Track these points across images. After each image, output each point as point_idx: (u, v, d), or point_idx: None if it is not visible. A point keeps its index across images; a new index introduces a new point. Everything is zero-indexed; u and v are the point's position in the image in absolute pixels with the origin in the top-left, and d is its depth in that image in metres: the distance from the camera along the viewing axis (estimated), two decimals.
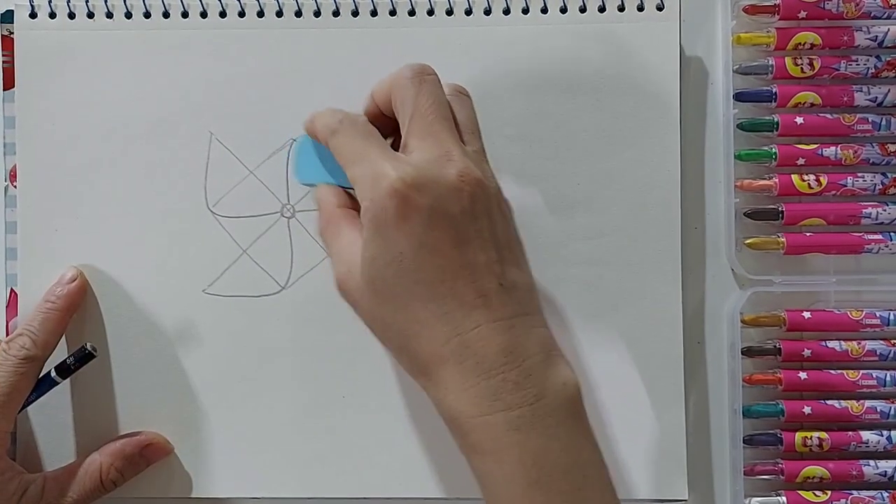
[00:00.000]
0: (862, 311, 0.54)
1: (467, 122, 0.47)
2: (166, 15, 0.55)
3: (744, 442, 0.54)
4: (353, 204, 0.47)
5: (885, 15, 0.54)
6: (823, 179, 0.54)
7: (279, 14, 0.55)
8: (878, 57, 0.54)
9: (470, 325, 0.42)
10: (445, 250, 0.42)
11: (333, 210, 0.47)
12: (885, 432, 0.54)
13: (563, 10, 0.55)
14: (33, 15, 0.55)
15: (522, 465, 0.42)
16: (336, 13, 0.55)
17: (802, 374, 0.54)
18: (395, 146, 0.47)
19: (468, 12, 0.55)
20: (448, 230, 0.42)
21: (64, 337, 0.54)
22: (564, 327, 0.54)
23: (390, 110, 0.47)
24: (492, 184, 0.45)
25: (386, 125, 0.48)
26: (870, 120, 0.54)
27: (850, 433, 0.54)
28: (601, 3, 0.55)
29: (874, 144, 0.55)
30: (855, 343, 0.54)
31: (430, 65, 0.46)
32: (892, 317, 0.54)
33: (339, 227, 0.46)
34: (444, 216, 0.42)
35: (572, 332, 0.54)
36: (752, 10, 0.55)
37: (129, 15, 0.55)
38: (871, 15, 0.54)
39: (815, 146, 0.55)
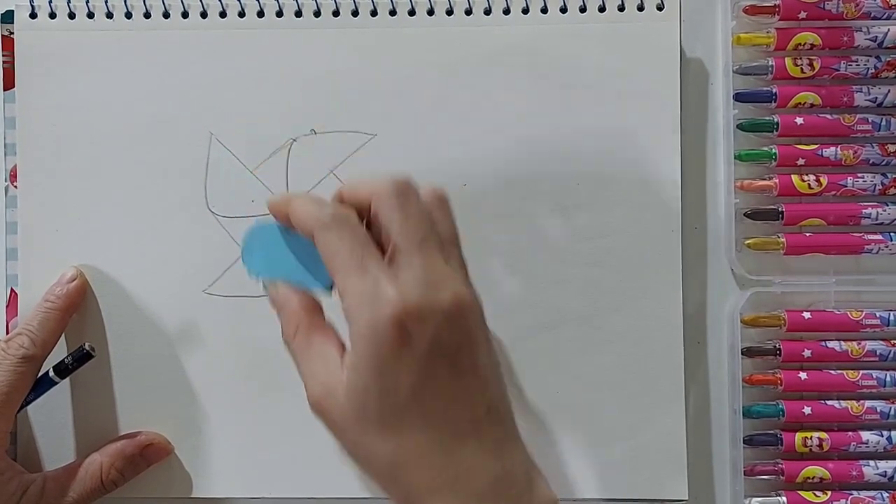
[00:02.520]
0: (862, 311, 0.54)
1: (447, 234, 0.44)
2: (166, 15, 0.55)
3: (744, 442, 0.54)
4: (318, 308, 0.44)
5: (885, 15, 0.54)
6: (823, 180, 0.54)
7: (279, 14, 0.55)
8: (877, 57, 0.54)
9: (463, 455, 0.41)
10: (441, 380, 0.41)
11: (301, 317, 0.44)
12: (885, 433, 0.54)
13: (563, 10, 0.55)
14: (33, 15, 0.55)
15: None
16: (336, 13, 0.55)
17: (802, 375, 0.54)
18: None
19: (468, 12, 0.55)
20: (445, 360, 0.41)
21: (64, 337, 0.54)
22: (565, 327, 0.54)
23: (358, 208, 0.44)
24: (477, 301, 0.43)
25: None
26: (870, 120, 0.54)
27: (850, 433, 0.54)
28: (601, 3, 0.55)
29: (874, 145, 0.55)
30: (855, 343, 0.54)
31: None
32: (891, 317, 0.54)
33: (311, 339, 0.43)
34: (442, 346, 0.41)
35: (572, 332, 0.54)
36: (752, 11, 0.55)
37: (129, 15, 0.55)
38: (871, 15, 0.54)
39: (815, 146, 0.55)
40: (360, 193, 0.43)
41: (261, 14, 0.55)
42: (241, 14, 0.55)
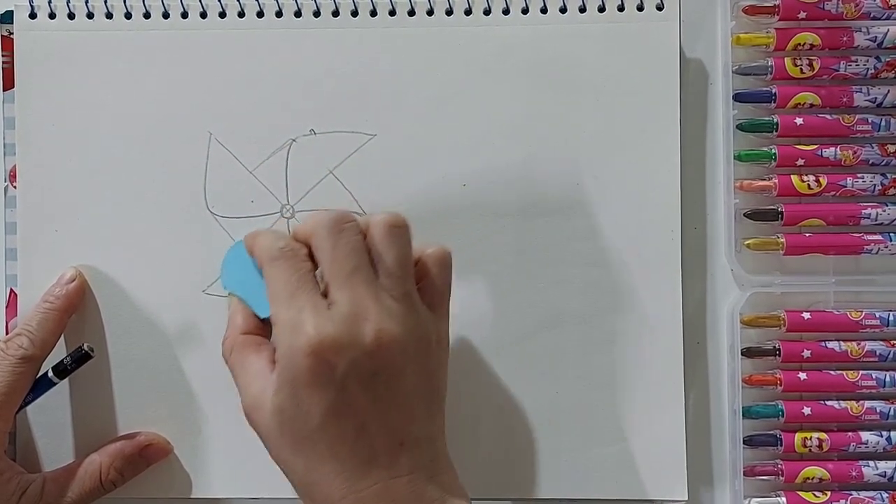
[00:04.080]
0: (861, 311, 0.54)
1: (392, 265, 0.45)
2: (166, 15, 0.55)
3: (743, 442, 0.54)
4: (259, 327, 0.47)
5: (885, 16, 0.54)
6: (823, 180, 0.54)
7: (279, 14, 0.55)
8: (877, 58, 0.54)
9: (366, 484, 0.43)
10: (352, 413, 0.43)
11: (237, 336, 0.47)
12: (884, 433, 0.54)
13: (563, 10, 0.55)
14: (33, 15, 0.55)
15: None
16: (336, 13, 0.55)
17: (802, 375, 0.54)
18: None
19: (468, 12, 0.55)
20: (357, 394, 0.43)
21: (63, 337, 0.54)
22: (565, 327, 0.54)
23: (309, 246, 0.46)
24: (413, 336, 0.44)
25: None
26: (869, 120, 0.54)
27: (850, 434, 0.54)
28: (601, 3, 0.55)
29: (874, 145, 0.55)
30: (854, 344, 0.54)
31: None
32: (891, 317, 0.54)
33: (245, 355, 0.46)
34: (356, 380, 0.43)
35: (572, 332, 0.54)
36: (751, 11, 0.55)
37: (128, 15, 0.55)
38: (871, 15, 0.54)
39: (815, 147, 0.55)
40: (305, 229, 0.46)
41: (261, 14, 0.55)
42: (241, 14, 0.55)
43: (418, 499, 0.44)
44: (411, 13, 0.55)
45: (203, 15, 0.55)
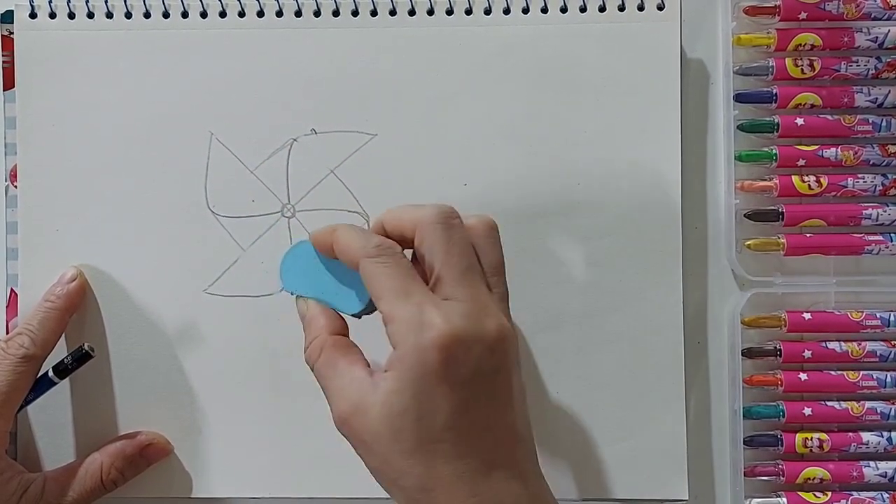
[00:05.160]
0: (862, 312, 0.54)
1: (493, 265, 0.45)
2: (166, 15, 0.55)
3: (744, 443, 0.54)
4: (344, 328, 0.46)
5: (886, 16, 0.54)
6: (824, 180, 0.54)
7: (279, 14, 0.55)
8: (878, 58, 0.54)
9: (488, 486, 0.42)
10: (477, 410, 0.42)
11: (326, 338, 0.45)
12: (885, 433, 0.54)
13: (564, 9, 0.55)
14: (33, 15, 0.55)
15: None
16: (336, 13, 0.55)
17: (803, 376, 0.54)
18: None
19: (468, 12, 0.55)
20: (483, 389, 0.42)
21: (64, 337, 0.54)
22: (565, 327, 0.54)
23: (398, 240, 0.45)
24: (515, 332, 0.44)
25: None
26: (870, 121, 0.54)
27: (851, 434, 0.54)
28: (601, 3, 0.55)
29: (874, 145, 0.55)
30: (855, 344, 0.54)
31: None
32: (892, 318, 0.54)
33: (336, 359, 0.44)
34: (483, 375, 0.42)
35: (572, 332, 0.54)
36: (752, 12, 0.55)
37: (129, 15, 0.55)
38: (872, 16, 0.54)
39: (816, 147, 0.55)
40: (403, 222, 0.44)
41: (261, 14, 0.55)
42: (241, 14, 0.55)
43: (535, 499, 0.43)
44: (412, 13, 0.55)
45: (203, 15, 0.55)
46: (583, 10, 0.55)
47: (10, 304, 0.56)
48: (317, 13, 0.55)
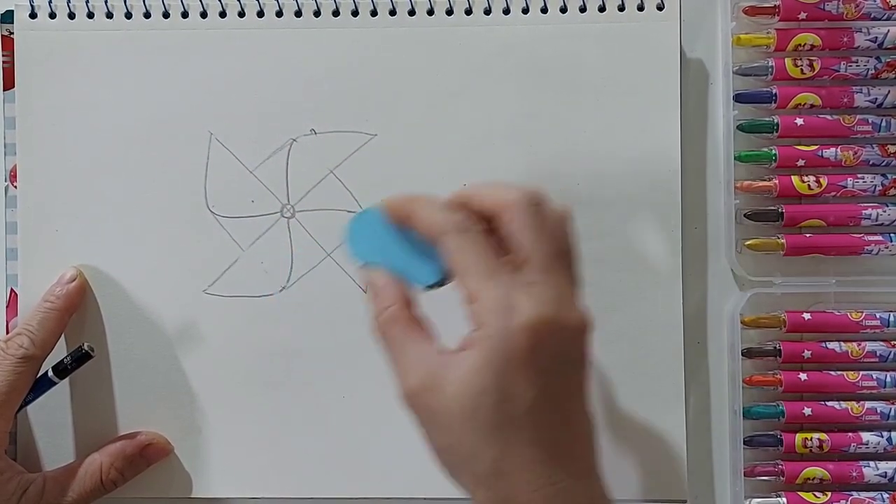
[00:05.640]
0: (862, 312, 0.54)
1: (578, 255, 0.44)
2: (166, 15, 0.55)
3: (744, 443, 0.54)
4: (414, 300, 0.45)
5: (885, 16, 0.54)
6: (823, 181, 0.54)
7: (279, 14, 0.55)
8: (877, 58, 0.54)
9: (561, 477, 0.41)
10: (559, 398, 0.41)
11: (400, 309, 0.44)
12: (885, 433, 0.54)
13: (563, 9, 0.55)
14: (33, 15, 0.55)
15: None
16: (336, 13, 0.55)
17: (802, 376, 0.54)
18: None
19: (468, 12, 0.55)
20: (566, 378, 0.42)
21: (64, 337, 0.54)
22: None
23: (480, 213, 0.44)
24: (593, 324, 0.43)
25: None
26: (870, 121, 0.54)
27: (850, 434, 0.54)
28: (601, 3, 0.55)
29: (874, 145, 0.55)
30: (855, 344, 0.54)
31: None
32: (891, 318, 0.54)
33: (406, 333, 0.43)
34: (567, 363, 0.42)
35: None
36: (752, 12, 0.55)
37: (129, 15, 0.55)
38: (871, 16, 0.54)
39: (815, 147, 0.55)
40: (486, 201, 0.44)
41: (261, 14, 0.55)
42: (241, 14, 0.55)
43: (600, 496, 0.42)
44: (412, 13, 0.55)
45: (203, 15, 0.55)
46: (582, 10, 0.55)
47: (10, 304, 0.56)
48: (317, 13, 0.55)
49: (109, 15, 0.55)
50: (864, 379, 0.54)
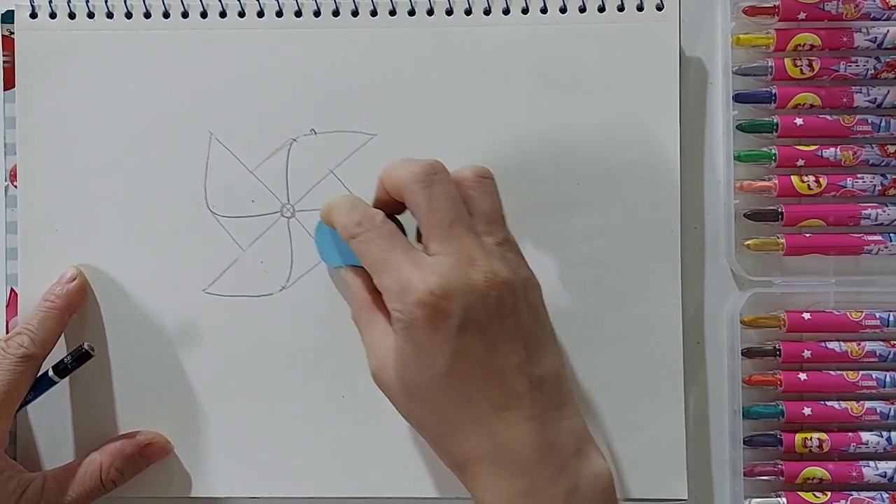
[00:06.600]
0: (861, 312, 0.54)
1: (490, 212, 0.47)
2: (166, 15, 0.55)
3: (744, 443, 0.54)
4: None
5: (885, 16, 0.54)
6: (823, 180, 0.54)
7: (279, 14, 0.55)
8: (877, 58, 0.54)
9: (502, 427, 0.44)
10: (475, 356, 0.44)
11: (364, 296, 0.48)
12: (884, 433, 0.54)
13: (563, 10, 0.55)
14: (33, 15, 0.55)
15: None
16: (336, 13, 0.55)
17: (802, 376, 0.54)
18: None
19: (468, 12, 0.55)
20: (477, 336, 0.43)
21: (64, 337, 0.54)
22: (565, 327, 0.54)
23: (397, 198, 0.47)
24: (519, 276, 0.45)
25: (399, 207, 0.48)
26: (869, 121, 0.54)
27: (850, 434, 0.54)
28: (601, 3, 0.55)
29: (874, 145, 0.55)
30: (854, 344, 0.54)
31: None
32: (891, 318, 0.54)
33: (371, 314, 0.47)
34: (473, 323, 0.43)
35: (572, 332, 0.54)
36: (751, 12, 0.55)
37: (129, 15, 0.55)
38: (871, 16, 0.54)
39: (815, 147, 0.55)
40: (392, 181, 0.47)
41: (261, 14, 0.55)
42: (241, 14, 0.55)
43: (551, 443, 0.44)
44: (411, 13, 0.55)
45: (203, 14, 0.55)
46: (582, 10, 0.55)
47: (10, 304, 0.56)
48: (317, 13, 0.55)
49: (110, 15, 0.55)
50: (864, 379, 0.54)
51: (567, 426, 0.45)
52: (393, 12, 0.55)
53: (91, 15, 0.55)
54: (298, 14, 0.55)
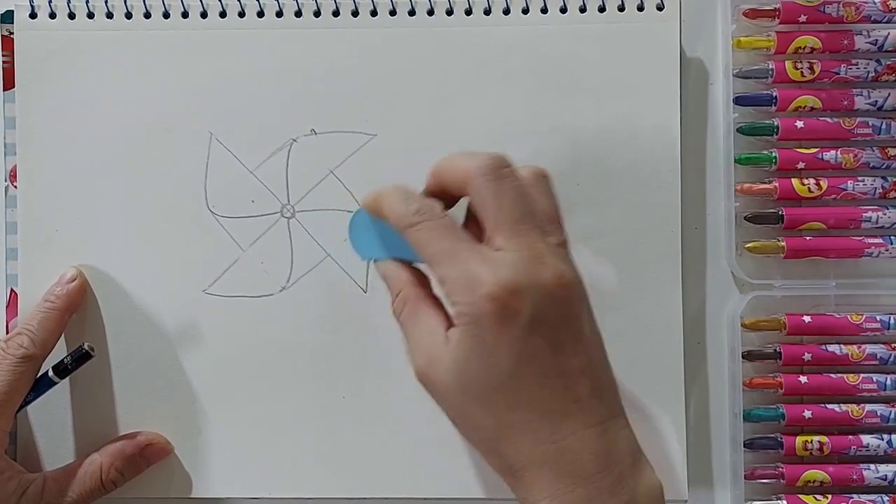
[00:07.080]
0: (862, 314, 0.54)
1: (549, 211, 0.45)
2: (166, 15, 0.55)
3: (744, 446, 0.54)
4: (425, 281, 0.46)
5: (885, 19, 0.54)
6: (823, 183, 0.54)
7: (279, 14, 0.55)
8: (878, 61, 0.54)
9: (565, 432, 0.42)
10: (542, 358, 0.42)
11: (409, 290, 0.46)
12: (885, 436, 0.54)
13: (563, 10, 0.55)
14: (33, 15, 0.55)
15: None
16: (336, 13, 0.55)
17: (803, 378, 0.54)
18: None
19: (468, 12, 0.55)
20: (545, 337, 0.42)
21: (64, 337, 0.54)
22: None
23: (455, 191, 0.46)
24: (578, 277, 0.44)
25: (449, 202, 0.47)
26: (870, 124, 0.54)
27: (851, 437, 0.54)
28: (601, 3, 0.55)
29: (874, 148, 0.54)
30: (855, 347, 0.54)
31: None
32: (892, 320, 0.54)
33: (417, 311, 0.45)
34: (542, 323, 0.42)
35: None
36: (752, 14, 0.55)
37: (129, 15, 0.55)
38: (871, 19, 0.54)
39: (816, 150, 0.54)
40: (455, 174, 0.45)
41: (261, 14, 0.55)
42: (241, 14, 0.55)
43: (610, 452, 0.43)
44: (412, 13, 0.55)
45: (203, 15, 0.55)
46: (582, 10, 0.55)
47: (10, 304, 0.56)
48: (317, 13, 0.55)
49: (109, 15, 0.55)
50: (865, 381, 0.54)
51: (624, 436, 0.44)
52: (393, 12, 0.55)
53: (91, 15, 0.55)
54: (298, 14, 0.55)
